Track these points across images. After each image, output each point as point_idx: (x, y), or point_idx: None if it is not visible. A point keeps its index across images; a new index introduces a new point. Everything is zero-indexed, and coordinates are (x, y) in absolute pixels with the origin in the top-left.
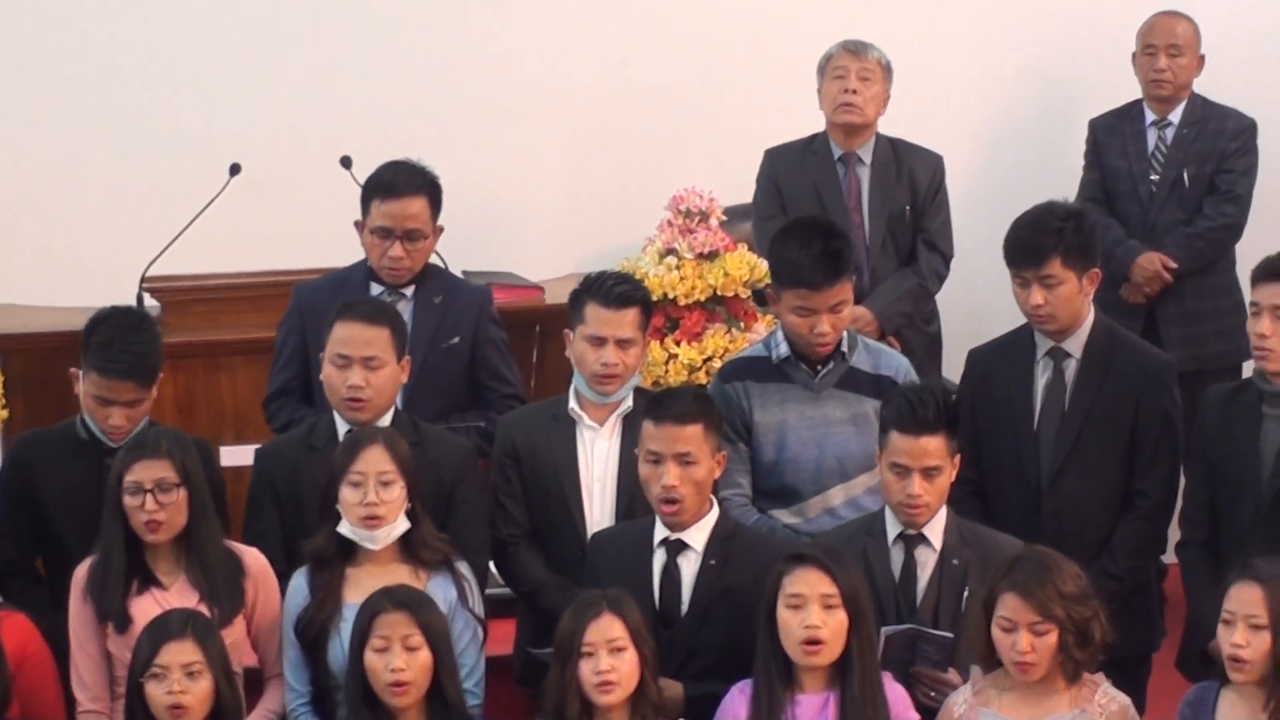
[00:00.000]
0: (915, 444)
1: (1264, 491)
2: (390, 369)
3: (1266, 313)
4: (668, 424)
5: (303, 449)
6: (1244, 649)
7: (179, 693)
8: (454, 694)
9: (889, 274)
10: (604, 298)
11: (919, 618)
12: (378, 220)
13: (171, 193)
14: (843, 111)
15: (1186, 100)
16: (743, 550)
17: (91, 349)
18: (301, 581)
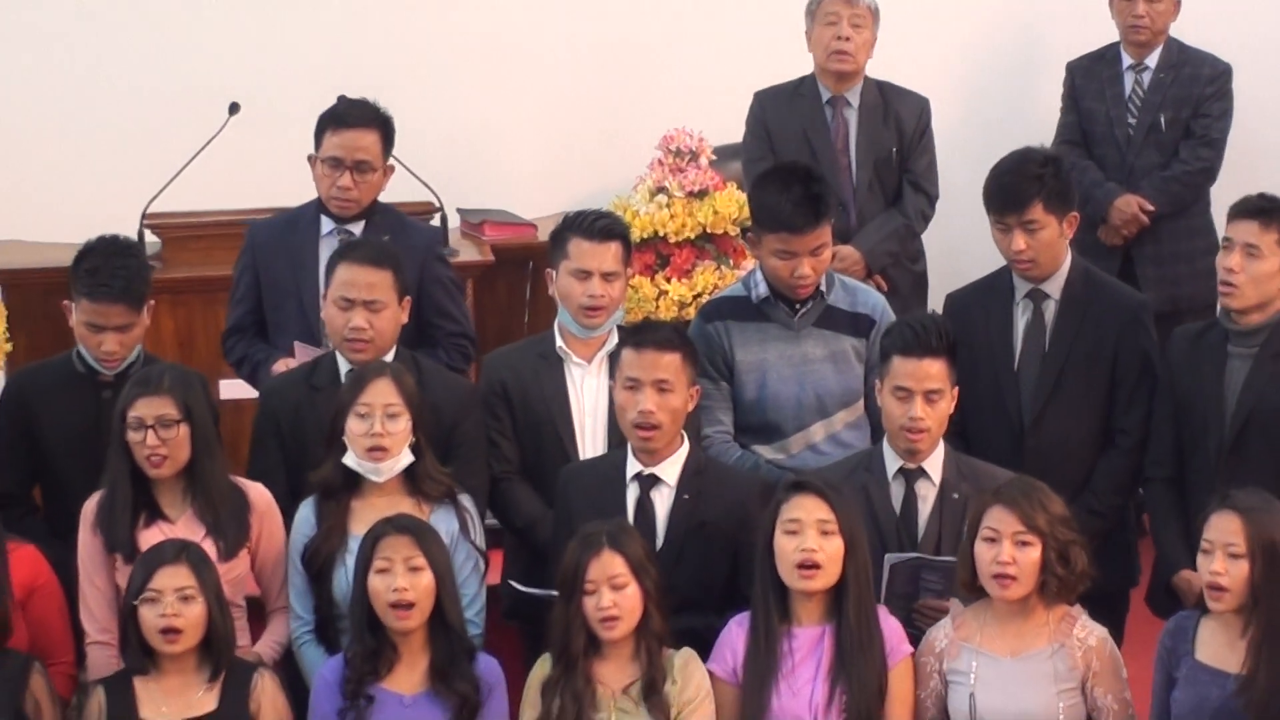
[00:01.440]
0: (918, 367)
1: (1227, 430)
2: (392, 311)
3: (1239, 249)
4: (648, 350)
5: (305, 388)
6: (1223, 577)
7: (171, 615)
8: (456, 620)
9: (876, 214)
10: (587, 232)
11: (921, 551)
12: (329, 150)
13: (171, 131)
14: (836, 59)
15: (1163, 45)
16: (715, 484)
17: (81, 276)
18: (308, 512)
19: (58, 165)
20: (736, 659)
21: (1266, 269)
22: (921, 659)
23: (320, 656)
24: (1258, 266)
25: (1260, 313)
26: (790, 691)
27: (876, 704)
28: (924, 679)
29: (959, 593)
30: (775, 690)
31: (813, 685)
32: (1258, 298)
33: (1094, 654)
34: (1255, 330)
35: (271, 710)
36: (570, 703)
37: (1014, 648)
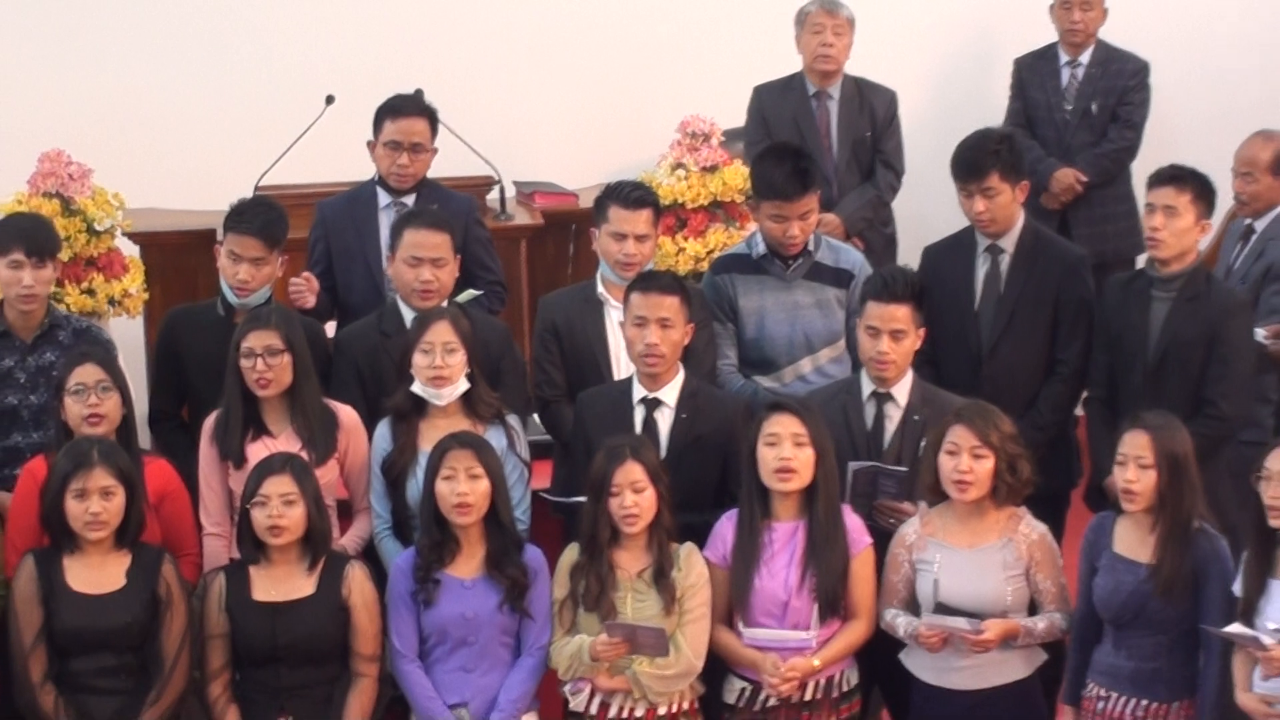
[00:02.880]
0: (886, 310)
1: (1150, 359)
2: (451, 265)
3: (1160, 210)
4: (653, 293)
5: (376, 333)
6: (1134, 484)
7: (277, 517)
8: (507, 517)
9: (853, 188)
10: (623, 201)
11: (885, 461)
12: (389, 135)
13: (278, 115)
14: (821, 62)
15: (1094, 45)
16: (707, 404)
17: (230, 217)
18: (385, 430)
19: (186, 144)
20: (726, 548)
21: (1184, 225)
22: (894, 550)
23: (397, 548)
24: (1177, 223)
25: (1179, 262)
26: (770, 574)
27: (841, 586)
28: (896, 567)
29: (925, 496)
30: (758, 574)
31: (788, 570)
32: (1178, 248)
33: (1036, 547)
34: (1174, 277)
35: (359, 593)
36: (594, 583)
37: (970, 541)
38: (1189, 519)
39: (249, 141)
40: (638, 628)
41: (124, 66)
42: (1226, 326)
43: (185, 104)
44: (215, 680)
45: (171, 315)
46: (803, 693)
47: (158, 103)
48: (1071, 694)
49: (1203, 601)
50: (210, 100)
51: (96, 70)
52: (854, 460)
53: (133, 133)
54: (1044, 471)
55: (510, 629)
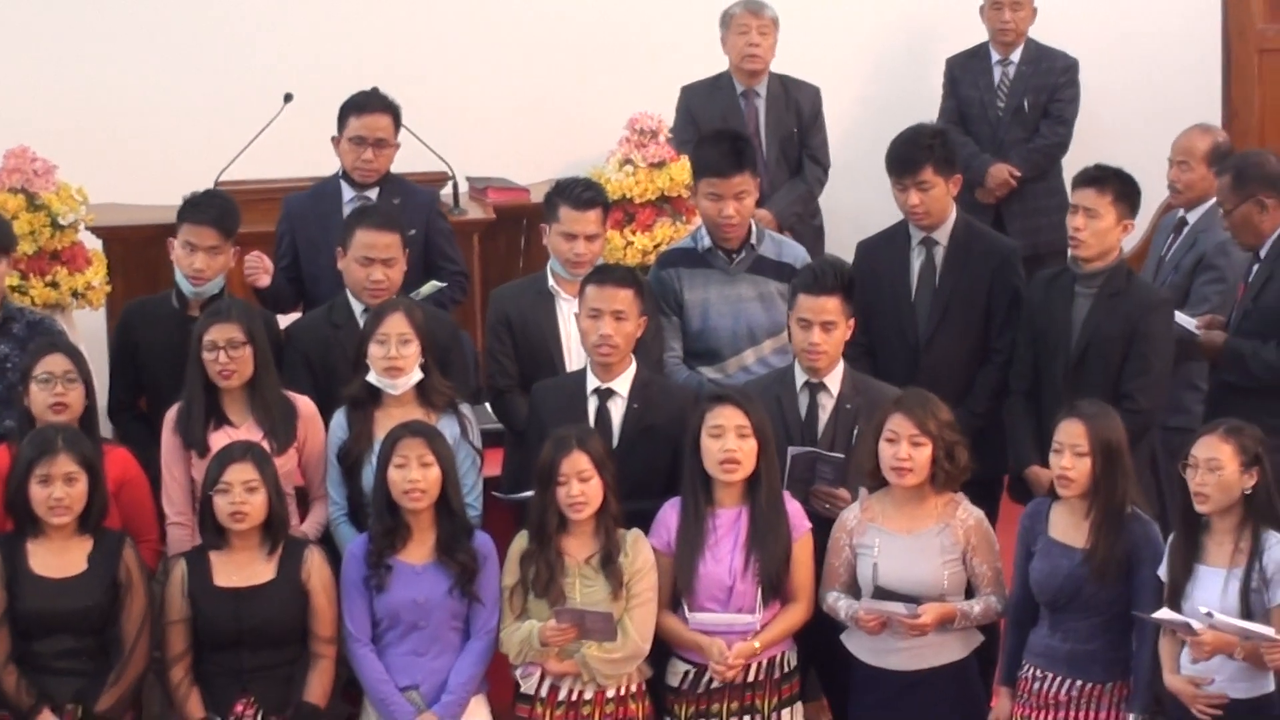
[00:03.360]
0: (816, 302)
1: (1072, 353)
2: (401, 264)
3: (1081, 211)
4: (608, 286)
5: (326, 325)
6: (1070, 471)
7: (240, 503)
8: (457, 504)
9: (783, 183)
10: (573, 201)
11: (819, 449)
12: (354, 131)
13: (238, 112)
14: (748, 62)
15: (1024, 44)
16: (658, 395)
17: (184, 208)
18: (341, 419)
19: (148, 140)
20: (670, 534)
21: (1105, 225)
22: (835, 535)
23: (351, 534)
24: (1098, 224)
25: (1101, 260)
26: (714, 560)
27: (783, 570)
28: (837, 551)
29: (865, 482)
30: (702, 559)
31: (732, 555)
32: (1100, 248)
33: (972, 532)
34: (1096, 274)
35: (318, 577)
36: (544, 570)
37: (909, 527)
38: (1123, 504)
39: (209, 138)
40: (586, 613)
41: (87, 64)
42: (1146, 322)
43: (147, 101)
44: (177, 664)
45: (127, 309)
46: (745, 674)
47: (120, 100)
48: (1007, 675)
49: (1136, 585)
50: (172, 97)
51: (60, 67)
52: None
53: (96, 129)
54: (978, 458)
55: (460, 613)
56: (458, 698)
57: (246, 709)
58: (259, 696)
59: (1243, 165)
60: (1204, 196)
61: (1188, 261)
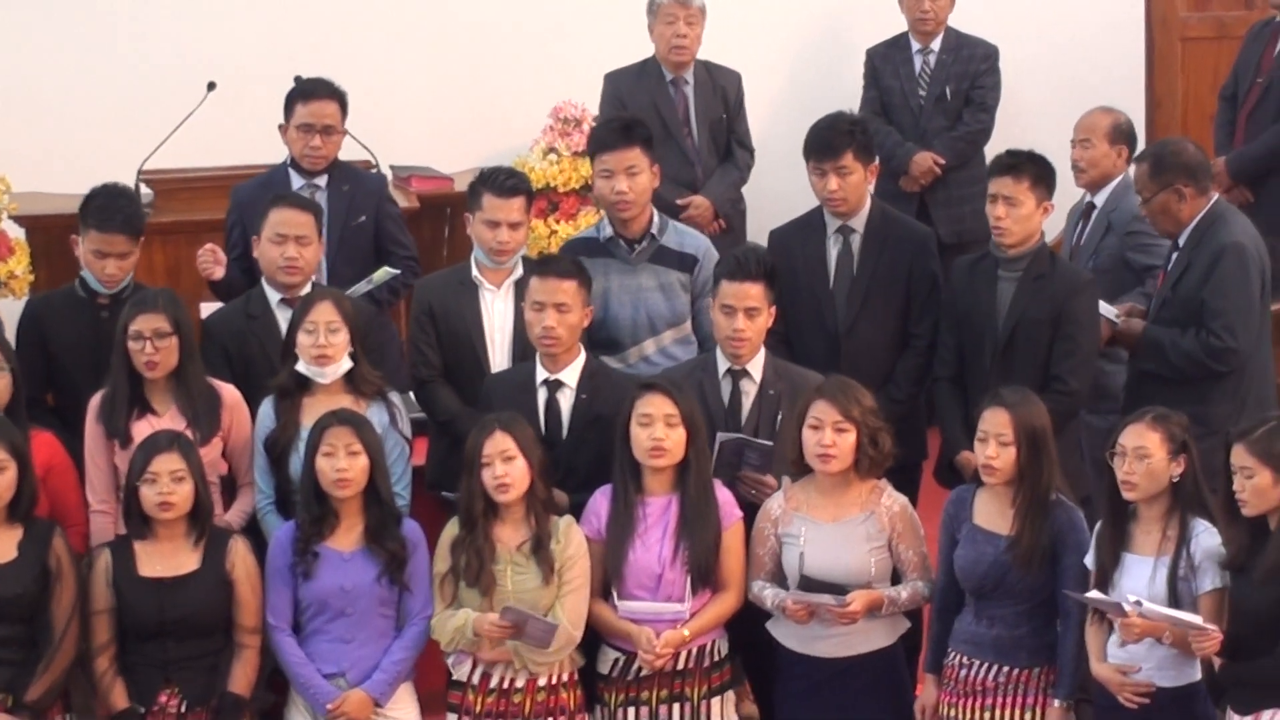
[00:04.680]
0: (740, 288)
1: (999, 338)
2: (315, 246)
3: (1000, 200)
4: (551, 278)
5: (243, 317)
6: (994, 459)
7: (167, 493)
8: (386, 493)
9: (714, 169)
10: (496, 189)
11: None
12: (301, 118)
13: (161, 101)
14: (675, 53)
15: (944, 32)
16: (606, 385)
17: (91, 213)
18: (269, 408)
19: (71, 129)
20: (600, 522)
21: (1026, 211)
22: (760, 524)
23: (279, 523)
24: (1019, 211)
25: (1024, 245)
26: (644, 548)
27: (713, 558)
28: (762, 540)
29: (789, 470)
30: (632, 547)
31: (661, 543)
32: (1023, 234)
33: (898, 518)
34: (1019, 258)
35: (242, 567)
36: (474, 557)
37: (834, 514)
38: (1047, 492)
39: (133, 126)
40: (531, 619)
41: (9, 51)
42: (1072, 304)
43: (70, 89)
44: (101, 655)
45: (32, 304)
46: (675, 662)
47: (43, 88)
48: (933, 662)
49: (1060, 571)
50: (95, 86)
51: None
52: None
53: (18, 117)
54: (897, 444)
55: (388, 601)
56: (388, 677)
57: (170, 699)
58: (183, 687)
59: (1161, 154)
60: (1108, 175)
61: (1109, 244)
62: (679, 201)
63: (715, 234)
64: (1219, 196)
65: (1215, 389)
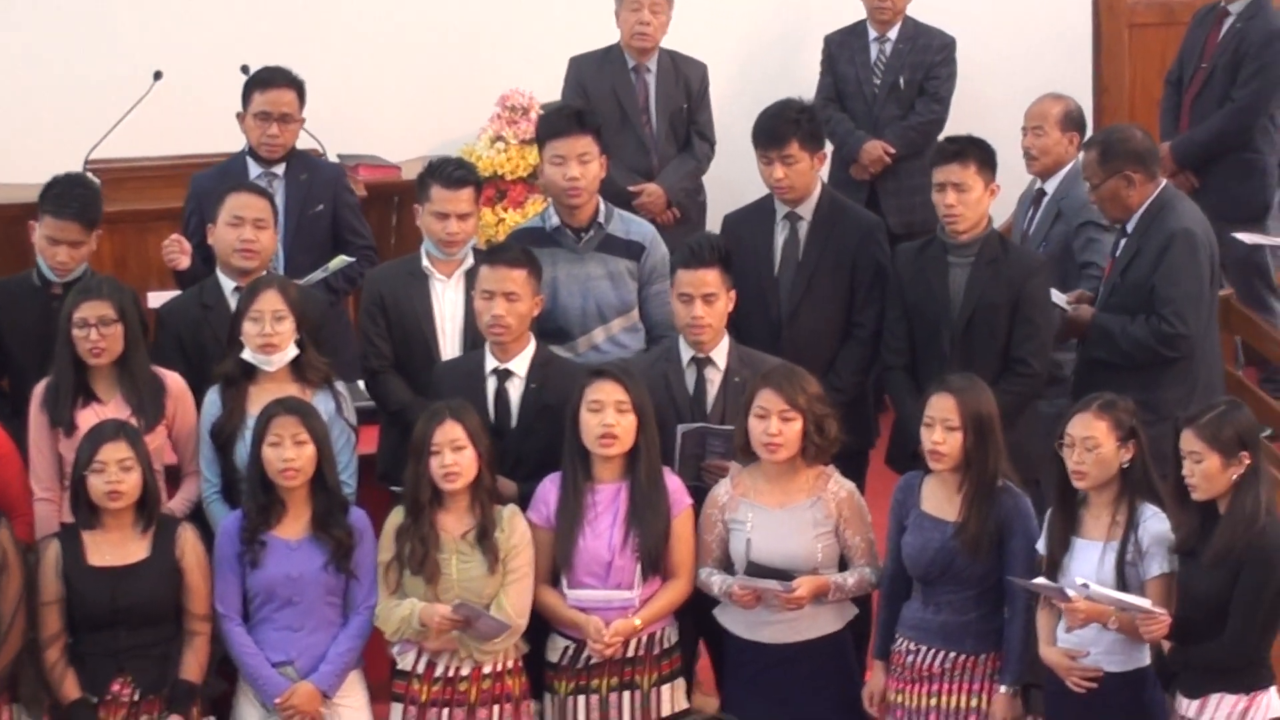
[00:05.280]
0: (695, 275)
1: (957, 323)
2: (272, 231)
3: (950, 188)
4: (500, 267)
5: (197, 306)
6: (942, 445)
7: (115, 482)
8: (333, 481)
9: (671, 158)
10: (445, 180)
11: (710, 423)
12: (258, 107)
13: (109, 91)
14: (638, 39)
15: (901, 22)
16: (556, 375)
17: (48, 199)
18: (215, 397)
19: (15, 119)
20: (549, 509)
21: (975, 196)
22: (707, 511)
23: (225, 512)
24: (968, 196)
25: (974, 230)
26: (593, 535)
27: (662, 545)
28: (710, 527)
29: (737, 457)
30: (581, 534)
31: (611, 530)
32: (975, 219)
33: (844, 504)
34: (970, 244)
35: (192, 554)
36: (419, 545)
37: (781, 501)
38: (994, 478)
39: (79, 116)
40: (483, 616)
41: None
42: (1028, 287)
43: (15, 79)
44: (52, 645)
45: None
46: (625, 649)
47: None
48: (881, 649)
49: (1007, 557)
50: (40, 76)
51: None
52: (680, 424)
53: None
54: (844, 431)
55: (335, 589)
56: (335, 668)
57: (123, 688)
58: (135, 675)
59: (1109, 140)
60: (1060, 162)
61: (1058, 232)
62: (631, 189)
63: (669, 224)
64: (1167, 183)
65: (1165, 375)
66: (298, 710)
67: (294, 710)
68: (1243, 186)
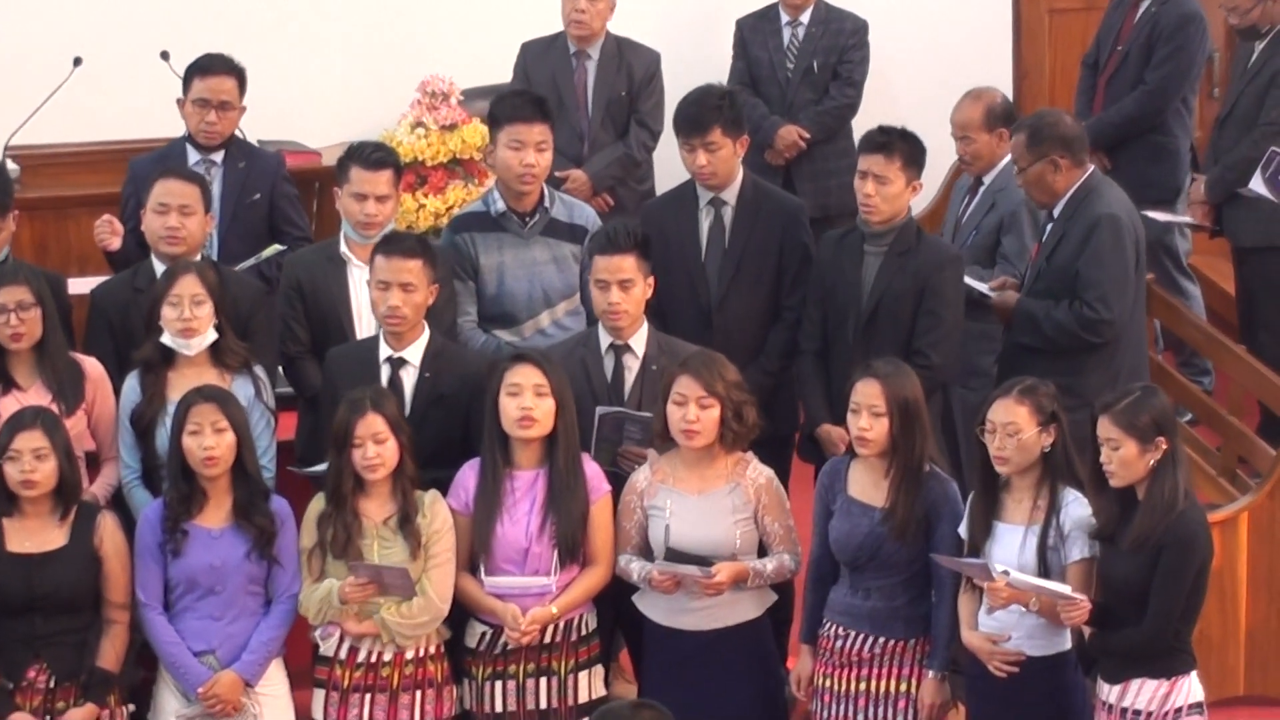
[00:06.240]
0: (611, 261)
1: (863, 310)
2: (200, 217)
3: (871, 178)
4: (396, 257)
5: (129, 289)
6: (868, 431)
7: (29, 471)
8: (252, 467)
9: (606, 145)
10: (364, 162)
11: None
12: (197, 94)
13: (28, 77)
14: (574, 27)
15: (814, 5)
16: (450, 364)
17: None
18: (134, 382)
19: None
20: (468, 495)
21: (894, 190)
22: (626, 497)
23: (146, 498)
24: (888, 189)
25: (890, 221)
26: (511, 522)
27: (580, 531)
28: (629, 513)
29: (656, 444)
30: (499, 521)
31: (529, 517)
32: (891, 212)
33: (763, 490)
34: (885, 233)
35: (111, 542)
36: (340, 531)
37: (700, 487)
38: (921, 463)
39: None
40: (383, 569)
41: None
42: (937, 279)
43: None
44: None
45: None
46: (542, 635)
47: None
48: (809, 633)
49: (935, 542)
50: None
51: None
52: (599, 406)
53: None
54: (769, 416)
55: (258, 577)
56: (258, 657)
57: (39, 675)
58: (51, 663)
59: (1038, 125)
60: (995, 161)
61: (989, 222)
62: (558, 174)
63: (602, 210)
64: (1094, 169)
65: (1089, 360)
66: (220, 699)
67: (216, 699)
68: (1155, 169)
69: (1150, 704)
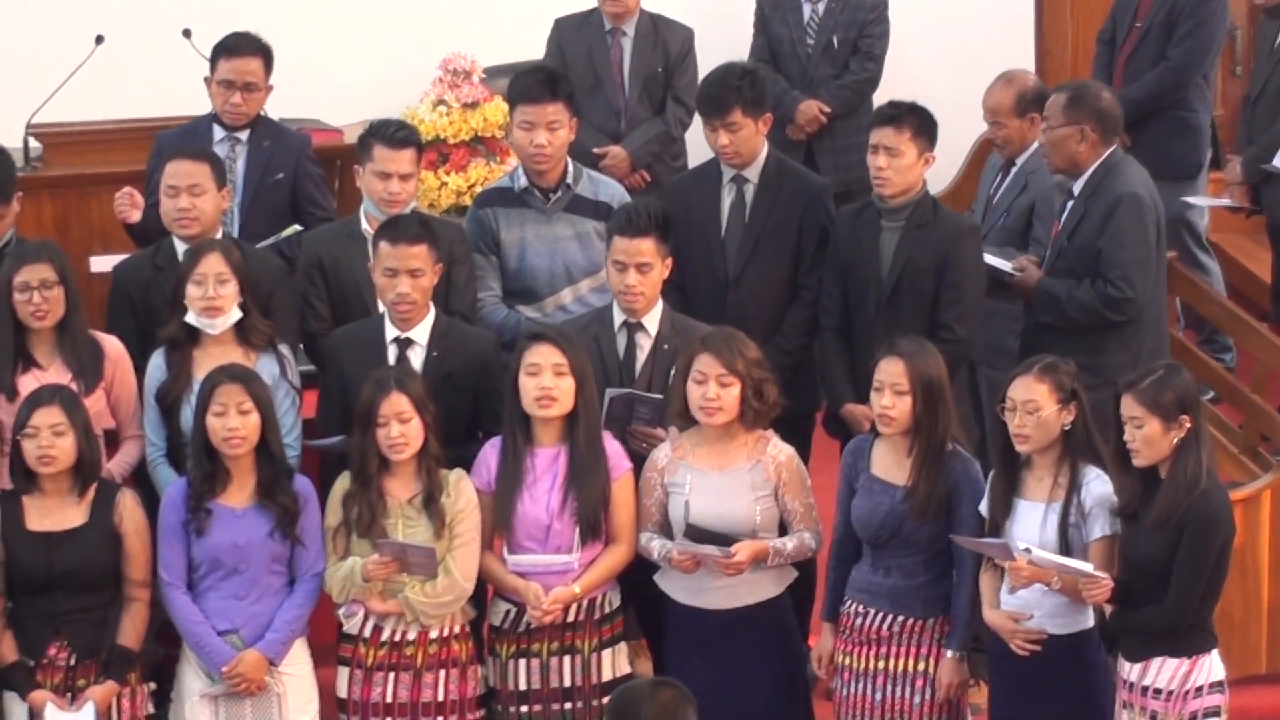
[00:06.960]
0: (631, 244)
1: (884, 286)
2: (212, 195)
3: (882, 151)
4: (402, 244)
5: (151, 267)
6: (891, 409)
7: (47, 447)
8: (276, 447)
9: (643, 122)
10: (387, 140)
11: (638, 388)
12: (222, 74)
13: (50, 55)
14: (609, 4)
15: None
16: (457, 342)
17: None
18: (160, 360)
19: None
20: (490, 473)
21: (906, 162)
22: (647, 474)
23: (171, 476)
24: (900, 162)
25: (905, 195)
26: (532, 499)
27: (601, 509)
28: (649, 490)
29: (675, 422)
30: (520, 499)
31: (550, 494)
32: (903, 185)
33: (784, 468)
34: (902, 208)
35: (130, 520)
36: (365, 510)
37: (720, 464)
38: (943, 442)
39: (21, 80)
40: (408, 547)
41: None
42: (956, 251)
43: None
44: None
45: None
46: (565, 614)
47: None
48: (830, 610)
49: (956, 521)
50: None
51: None
52: (609, 388)
53: None
54: (789, 394)
55: (281, 557)
56: (282, 636)
57: (60, 652)
58: (72, 640)
59: (1081, 91)
60: (1025, 144)
61: (1021, 204)
62: (596, 150)
63: (638, 186)
64: (1117, 148)
65: (1110, 339)
66: (244, 678)
67: (240, 678)
68: (1176, 144)
69: (1172, 682)
